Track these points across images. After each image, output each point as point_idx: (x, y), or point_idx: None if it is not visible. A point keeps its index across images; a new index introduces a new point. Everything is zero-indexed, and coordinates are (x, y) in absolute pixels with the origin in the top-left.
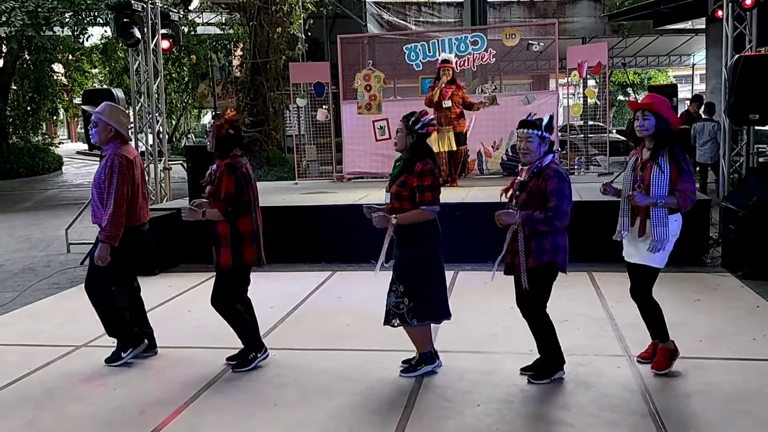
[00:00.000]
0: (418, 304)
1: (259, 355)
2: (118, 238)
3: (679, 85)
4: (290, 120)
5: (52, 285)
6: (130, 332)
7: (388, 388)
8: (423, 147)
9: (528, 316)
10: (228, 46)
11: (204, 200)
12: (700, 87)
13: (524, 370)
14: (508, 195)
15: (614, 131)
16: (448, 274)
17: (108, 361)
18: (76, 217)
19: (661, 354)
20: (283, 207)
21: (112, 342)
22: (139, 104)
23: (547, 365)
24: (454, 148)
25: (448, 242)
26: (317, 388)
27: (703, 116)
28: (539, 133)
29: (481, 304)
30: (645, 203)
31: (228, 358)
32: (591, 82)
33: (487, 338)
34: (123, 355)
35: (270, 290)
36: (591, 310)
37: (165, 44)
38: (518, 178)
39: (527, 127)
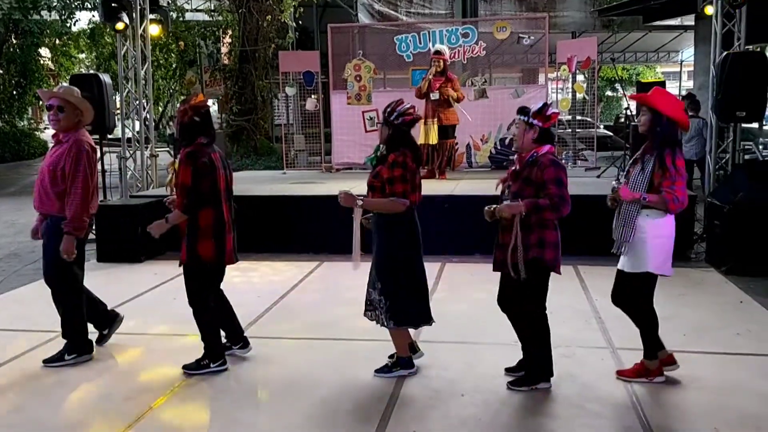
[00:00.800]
0: (396, 308)
1: (212, 365)
2: (84, 230)
3: (667, 81)
4: (278, 109)
5: (37, 270)
6: (85, 337)
7: (375, 379)
8: (399, 138)
9: (515, 312)
10: (216, 33)
11: (174, 197)
12: (688, 84)
13: (508, 371)
14: (503, 186)
15: (602, 126)
16: (435, 266)
17: (47, 361)
18: None
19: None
20: (271, 197)
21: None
22: (126, 90)
23: (532, 372)
24: (435, 141)
25: (436, 234)
26: (304, 377)
27: (689, 113)
28: (526, 119)
29: (467, 295)
30: (628, 197)
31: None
32: (579, 77)
33: (472, 329)
34: (67, 357)
35: (257, 279)
36: (576, 303)
37: (154, 30)
38: (513, 167)
39: (519, 113)
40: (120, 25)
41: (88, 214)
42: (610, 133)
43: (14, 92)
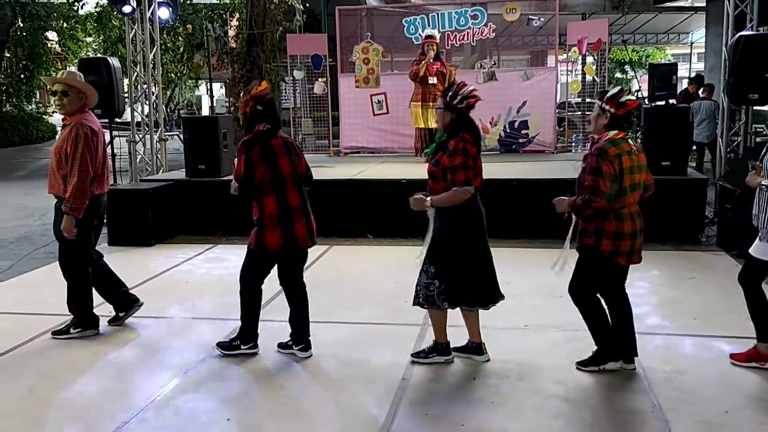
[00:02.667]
0: (451, 288)
1: (243, 347)
2: (83, 210)
3: (678, 63)
4: (285, 93)
5: (49, 254)
6: (89, 313)
7: (385, 362)
8: (462, 123)
9: (573, 299)
10: (224, 15)
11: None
12: (698, 66)
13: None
14: None
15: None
16: None
17: (55, 333)
18: None
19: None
20: None
21: (109, 311)
22: (135, 74)
23: (600, 352)
24: (430, 126)
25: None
26: (316, 360)
27: (701, 95)
28: (600, 103)
29: None
30: (749, 182)
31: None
32: (589, 59)
33: (486, 314)
34: (72, 331)
35: None
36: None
37: (164, 13)
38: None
39: (599, 98)
40: (127, 8)
41: (85, 195)
42: None
43: (22, 76)
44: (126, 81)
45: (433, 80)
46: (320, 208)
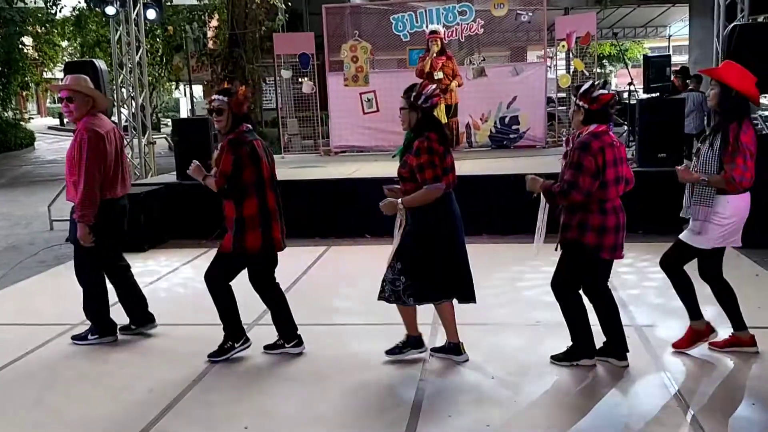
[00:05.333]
0: (416, 285)
1: (236, 345)
2: (92, 216)
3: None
4: (267, 93)
5: (39, 263)
6: (105, 319)
7: (398, 362)
8: (427, 122)
9: (555, 294)
10: (202, 17)
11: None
12: (680, 58)
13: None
14: None
15: None
16: None
17: (74, 337)
18: (58, 193)
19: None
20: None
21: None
22: (121, 76)
23: (574, 348)
24: (445, 120)
25: None
26: (327, 363)
27: (689, 87)
28: (575, 99)
29: (482, 275)
30: (686, 179)
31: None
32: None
33: (493, 310)
34: (90, 337)
35: None
36: None
37: (151, 14)
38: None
39: (572, 93)
40: (111, 10)
41: (92, 201)
42: None
43: None
44: (112, 84)
45: (438, 75)
46: (317, 209)
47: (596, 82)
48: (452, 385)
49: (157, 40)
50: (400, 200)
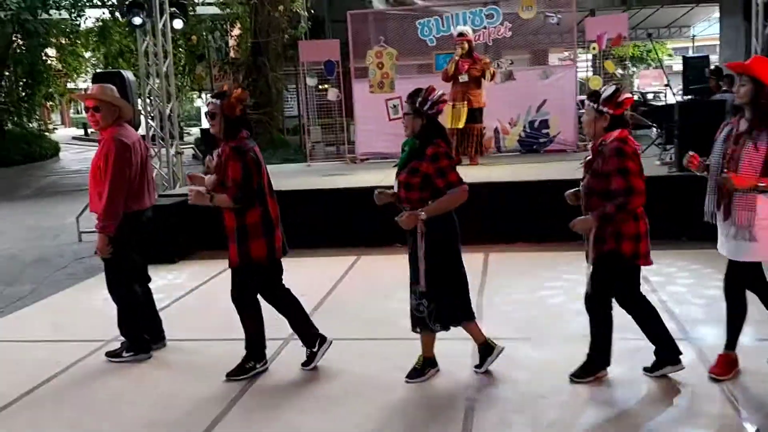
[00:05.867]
0: (442, 308)
1: (258, 366)
2: (114, 228)
3: (678, 57)
4: (288, 101)
5: (69, 276)
6: (140, 336)
7: (444, 380)
8: (433, 128)
9: (589, 308)
10: (224, 26)
11: (201, 188)
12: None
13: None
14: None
15: None
16: (478, 256)
17: (108, 354)
18: (87, 204)
19: (722, 359)
20: (302, 191)
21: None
22: (148, 87)
23: (594, 362)
24: (462, 126)
25: (476, 223)
26: (370, 380)
27: (722, 88)
28: (596, 106)
29: (515, 287)
30: (746, 185)
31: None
32: (586, 56)
33: (532, 323)
34: (125, 355)
35: (297, 277)
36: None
37: (178, 24)
38: (588, 156)
39: (588, 99)
40: (137, 20)
41: (116, 212)
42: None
43: (23, 94)
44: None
45: (464, 78)
46: (346, 218)
47: (620, 87)
48: (501, 404)
49: (180, 49)
50: (421, 211)
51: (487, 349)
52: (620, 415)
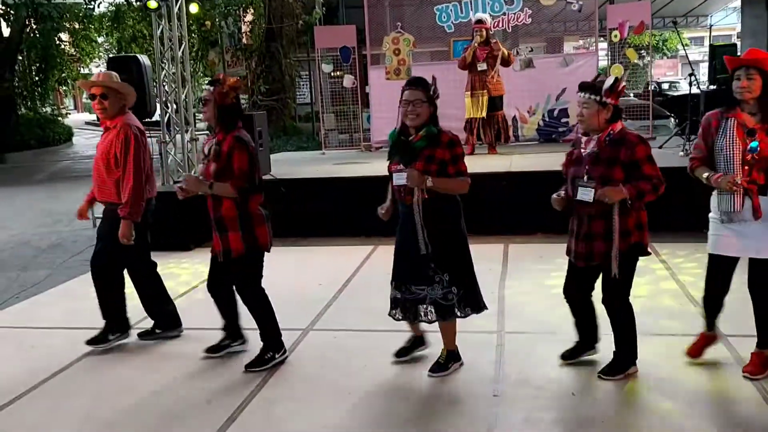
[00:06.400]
0: (469, 292)
1: (276, 356)
2: (141, 214)
3: (695, 47)
4: (300, 88)
5: (84, 262)
6: (166, 313)
7: (467, 375)
8: (437, 118)
9: (615, 306)
10: (237, 11)
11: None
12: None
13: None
14: (570, 171)
15: (631, 94)
16: (498, 247)
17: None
18: None
19: (756, 358)
20: (320, 179)
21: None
22: (163, 72)
23: (623, 359)
24: (484, 114)
25: (497, 213)
26: (393, 374)
27: None
28: (598, 98)
29: (538, 278)
30: None
31: (246, 366)
32: (602, 44)
33: (556, 318)
34: (110, 337)
35: (314, 266)
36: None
37: (193, 8)
38: (582, 150)
39: (585, 91)
40: (153, 4)
41: (142, 198)
42: (642, 102)
43: (36, 78)
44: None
45: (482, 66)
46: (363, 207)
47: (618, 77)
48: (528, 401)
49: (193, 35)
50: (429, 178)
51: (454, 356)
52: (652, 413)
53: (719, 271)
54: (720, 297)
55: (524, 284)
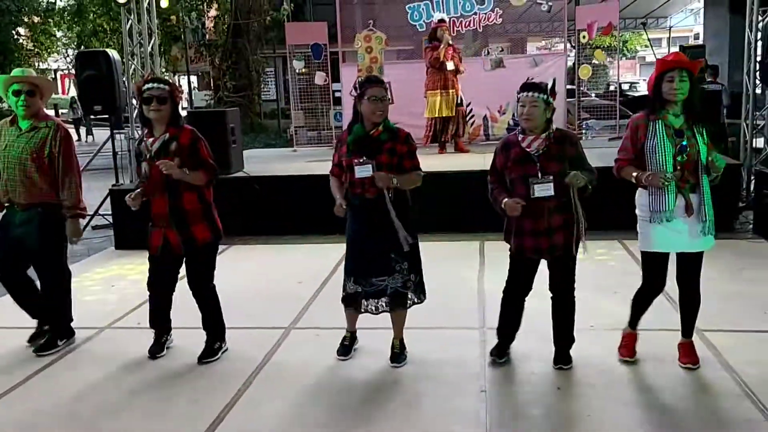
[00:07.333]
0: (421, 279)
1: (224, 345)
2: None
3: (655, 48)
4: (266, 85)
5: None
6: (68, 321)
7: (454, 370)
8: None
9: (571, 295)
10: (200, 6)
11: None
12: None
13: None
14: (516, 171)
15: (593, 95)
16: (475, 245)
17: (40, 350)
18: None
19: (690, 348)
20: (293, 176)
21: (136, 323)
22: (132, 67)
23: (568, 349)
24: (452, 113)
25: (472, 212)
26: (379, 371)
27: (707, 80)
28: (545, 97)
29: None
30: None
31: (199, 359)
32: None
33: (536, 314)
34: (59, 343)
35: (291, 264)
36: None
37: (164, 2)
38: (527, 148)
39: (533, 90)
40: None
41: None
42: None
43: None
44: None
45: (450, 65)
46: (333, 205)
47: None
48: (520, 396)
49: (157, 30)
50: (394, 178)
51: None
52: (636, 407)
53: (655, 267)
54: (658, 293)
55: (502, 279)
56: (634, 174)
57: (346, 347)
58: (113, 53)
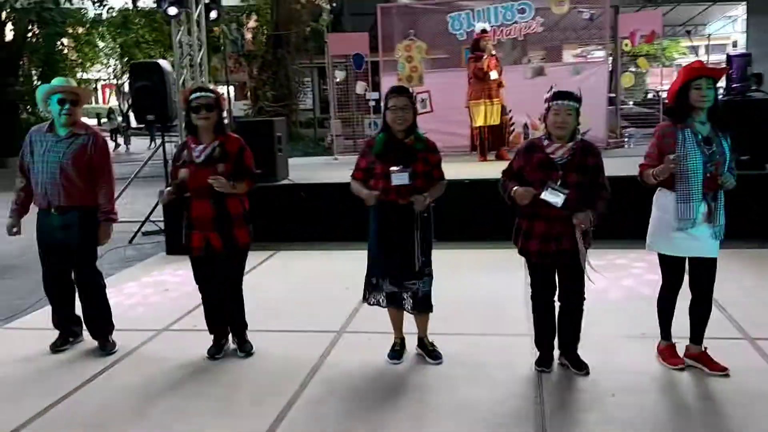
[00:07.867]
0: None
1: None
2: None
3: (692, 56)
4: (303, 95)
5: (111, 265)
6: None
7: (508, 377)
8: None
9: (581, 303)
10: (240, 18)
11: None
12: (718, 57)
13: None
14: (537, 176)
15: (630, 103)
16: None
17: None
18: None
19: (708, 356)
20: (337, 184)
21: (192, 325)
22: (182, 77)
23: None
24: (498, 122)
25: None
26: (435, 376)
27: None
28: (578, 106)
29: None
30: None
31: (246, 352)
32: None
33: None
34: (112, 339)
35: (337, 270)
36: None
37: (213, 14)
38: (551, 155)
39: (568, 99)
40: (172, 10)
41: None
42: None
43: (39, 83)
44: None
45: (494, 75)
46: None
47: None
48: (573, 403)
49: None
50: (425, 195)
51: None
52: (693, 414)
53: (675, 266)
54: (677, 290)
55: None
56: (651, 172)
57: (398, 352)
58: (165, 64)
